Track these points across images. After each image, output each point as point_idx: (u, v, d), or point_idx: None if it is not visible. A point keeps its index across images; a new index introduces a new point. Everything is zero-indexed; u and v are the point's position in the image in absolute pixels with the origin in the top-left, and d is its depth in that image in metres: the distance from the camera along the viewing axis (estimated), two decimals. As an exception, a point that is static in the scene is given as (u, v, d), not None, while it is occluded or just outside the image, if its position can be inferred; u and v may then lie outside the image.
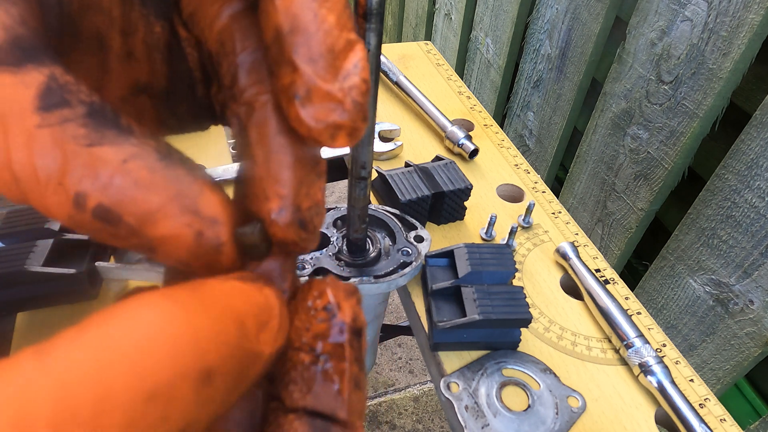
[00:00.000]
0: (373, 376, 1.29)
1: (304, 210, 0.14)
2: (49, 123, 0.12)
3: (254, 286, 0.13)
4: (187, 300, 0.11)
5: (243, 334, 0.11)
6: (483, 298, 0.40)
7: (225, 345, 0.11)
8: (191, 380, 0.10)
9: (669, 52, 0.74)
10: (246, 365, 0.11)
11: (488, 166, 0.61)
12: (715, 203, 0.70)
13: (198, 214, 0.13)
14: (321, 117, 0.13)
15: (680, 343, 0.80)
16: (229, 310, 0.11)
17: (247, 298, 0.12)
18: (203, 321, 0.10)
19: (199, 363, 0.10)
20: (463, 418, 0.38)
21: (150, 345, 0.09)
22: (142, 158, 0.12)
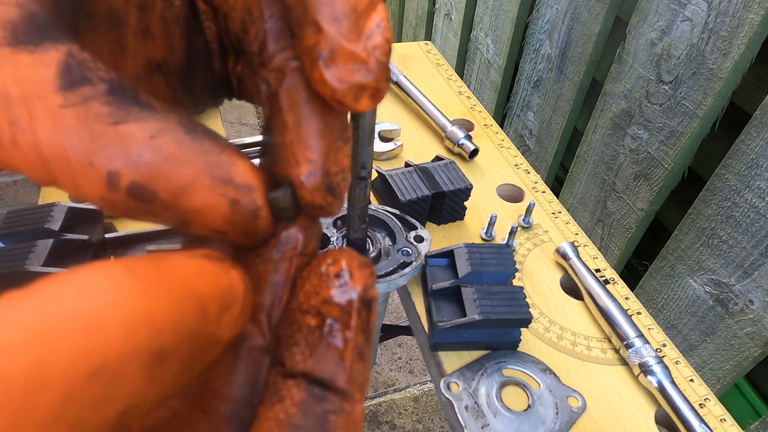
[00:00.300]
0: (373, 376, 1.29)
1: (332, 175, 0.14)
2: (72, 102, 0.12)
3: (221, 266, 0.12)
4: (148, 274, 0.10)
5: (203, 316, 0.11)
6: (483, 298, 0.40)
7: (183, 326, 0.10)
8: (142, 360, 0.09)
9: (669, 52, 0.74)
10: (203, 348, 0.11)
11: (488, 166, 0.61)
12: (715, 203, 0.70)
13: (231, 183, 0.13)
14: (345, 78, 0.13)
15: (680, 343, 0.80)
16: (191, 289, 0.11)
17: (212, 278, 0.12)
18: (163, 299, 0.10)
19: (153, 343, 0.09)
20: (463, 418, 0.38)
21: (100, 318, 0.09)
22: (169, 133, 0.12)
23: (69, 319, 0.08)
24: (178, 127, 0.13)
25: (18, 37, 0.12)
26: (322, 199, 0.14)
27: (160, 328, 0.10)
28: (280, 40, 0.15)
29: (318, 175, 0.14)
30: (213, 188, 0.13)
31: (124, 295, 0.09)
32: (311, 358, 0.13)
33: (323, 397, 0.13)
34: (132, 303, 0.09)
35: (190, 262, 0.12)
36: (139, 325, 0.09)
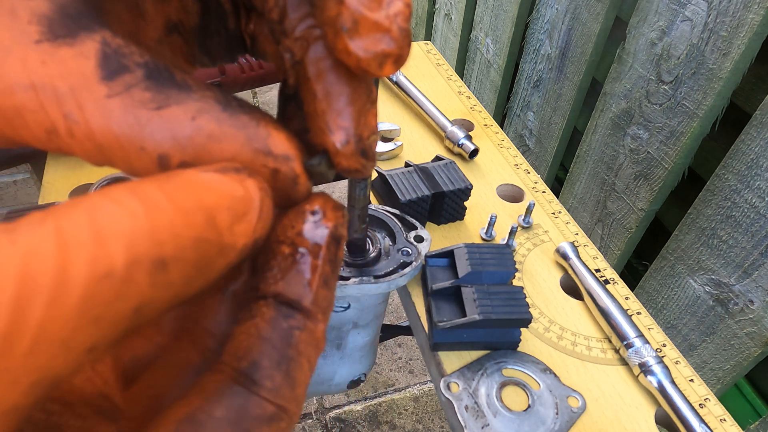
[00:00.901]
0: (373, 376, 1.29)
1: (365, 139, 0.15)
2: (116, 92, 0.12)
3: (234, 177, 0.13)
4: (152, 194, 0.11)
5: (211, 226, 0.12)
6: (483, 298, 0.40)
7: (185, 237, 0.11)
8: (145, 267, 0.11)
9: (669, 52, 0.74)
10: (212, 256, 0.12)
11: (488, 166, 0.61)
12: (715, 203, 0.70)
13: (271, 154, 0.14)
14: (369, 47, 0.14)
15: (680, 343, 0.80)
16: (197, 202, 0.12)
17: (223, 189, 0.12)
18: (163, 214, 0.11)
19: (152, 252, 0.11)
20: (463, 418, 0.38)
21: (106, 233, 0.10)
22: (208, 111, 0.13)
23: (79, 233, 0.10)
24: (216, 105, 0.14)
25: (55, 31, 0.12)
26: (357, 163, 0.15)
27: (159, 239, 0.11)
28: (300, 7, 0.15)
29: (352, 141, 0.15)
30: (254, 160, 0.14)
31: (127, 214, 0.11)
32: (282, 281, 0.14)
33: (290, 315, 0.14)
34: (133, 221, 0.11)
35: (199, 176, 0.12)
36: (140, 237, 0.11)
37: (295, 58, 0.15)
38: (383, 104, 0.69)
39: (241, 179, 0.13)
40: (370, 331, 0.48)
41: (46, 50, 0.12)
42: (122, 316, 0.10)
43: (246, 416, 0.13)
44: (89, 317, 0.10)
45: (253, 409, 0.13)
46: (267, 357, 0.14)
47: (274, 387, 0.13)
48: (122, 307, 0.10)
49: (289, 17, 0.15)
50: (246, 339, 0.14)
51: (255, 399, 0.13)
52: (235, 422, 0.13)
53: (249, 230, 0.13)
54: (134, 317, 0.11)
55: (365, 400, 1.25)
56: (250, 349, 0.14)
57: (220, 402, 0.13)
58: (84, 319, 0.10)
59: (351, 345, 0.48)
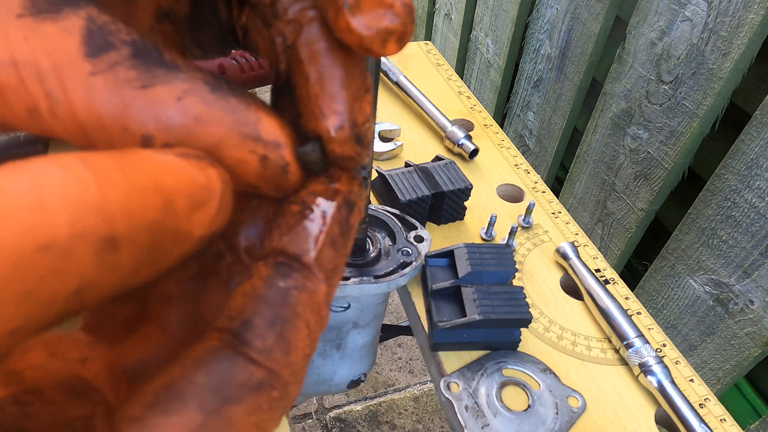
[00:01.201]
0: (373, 376, 1.29)
1: (360, 125, 0.15)
2: (100, 69, 0.12)
3: (196, 164, 0.12)
4: (105, 165, 0.10)
5: (168, 210, 0.11)
6: (483, 298, 0.40)
7: (140, 217, 0.10)
8: (91, 243, 0.10)
9: (669, 52, 0.74)
10: (167, 242, 0.11)
11: (488, 166, 0.61)
12: (715, 203, 0.70)
13: (260, 140, 0.13)
14: (372, 24, 0.13)
15: (680, 343, 0.80)
16: (154, 183, 0.11)
17: (182, 175, 0.12)
18: (118, 188, 0.10)
19: (102, 228, 0.10)
20: (463, 418, 0.38)
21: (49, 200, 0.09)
22: (196, 93, 0.13)
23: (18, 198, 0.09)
24: (204, 86, 0.13)
25: (38, 5, 0.12)
26: (352, 150, 0.15)
27: (111, 215, 0.10)
28: None
29: (346, 126, 0.14)
30: (242, 145, 0.13)
31: (75, 182, 0.10)
32: (287, 236, 0.14)
33: (288, 275, 0.13)
34: (82, 190, 0.10)
35: (159, 158, 0.12)
36: (89, 209, 0.09)
37: (288, 41, 0.15)
38: (383, 104, 0.69)
39: (202, 167, 0.12)
40: (370, 331, 0.48)
41: (28, 25, 0.12)
42: (58, 296, 0.09)
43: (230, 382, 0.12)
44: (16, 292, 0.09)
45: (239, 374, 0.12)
46: (260, 315, 0.13)
47: (265, 347, 0.12)
48: (59, 287, 0.09)
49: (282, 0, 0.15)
50: (240, 299, 0.13)
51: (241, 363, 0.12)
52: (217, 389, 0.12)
53: (207, 221, 0.12)
54: (73, 299, 0.10)
55: (365, 400, 1.25)
56: (243, 309, 0.13)
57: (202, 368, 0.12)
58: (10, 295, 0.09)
59: (351, 345, 0.48)
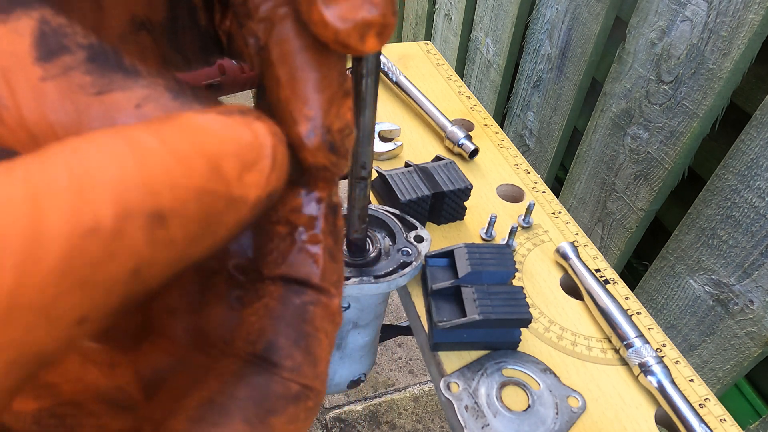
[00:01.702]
0: (373, 376, 1.29)
1: (335, 132, 0.13)
2: (52, 74, 0.11)
3: (241, 120, 0.11)
4: (144, 138, 0.10)
5: (216, 175, 0.10)
6: (483, 298, 0.40)
7: (185, 187, 0.10)
8: (139, 221, 0.09)
9: (669, 52, 0.74)
10: (219, 210, 0.11)
11: (488, 166, 0.61)
12: (715, 203, 0.70)
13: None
14: (348, 15, 0.12)
15: (680, 343, 0.80)
16: (197, 147, 0.10)
17: (228, 134, 0.11)
18: (159, 160, 0.09)
19: (147, 204, 0.09)
20: (463, 418, 0.38)
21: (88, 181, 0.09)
22: (156, 100, 0.12)
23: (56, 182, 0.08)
24: (165, 93, 0.12)
25: None
26: (326, 159, 0.13)
27: (154, 188, 0.09)
28: None
29: (319, 132, 0.13)
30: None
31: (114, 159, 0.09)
32: (285, 264, 0.13)
33: (301, 292, 0.13)
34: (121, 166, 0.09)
35: (200, 118, 0.11)
36: (130, 186, 0.09)
37: (260, 42, 0.14)
38: (383, 104, 0.69)
39: (247, 122, 0.11)
40: (370, 331, 0.48)
41: None
42: (117, 279, 0.09)
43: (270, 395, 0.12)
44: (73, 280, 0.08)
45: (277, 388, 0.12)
46: (283, 336, 0.13)
47: (295, 366, 0.12)
48: (116, 269, 0.09)
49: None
50: (257, 320, 0.13)
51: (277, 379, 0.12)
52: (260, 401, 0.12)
53: (261, 181, 0.11)
54: (133, 281, 0.09)
55: (365, 400, 1.25)
56: (263, 331, 0.13)
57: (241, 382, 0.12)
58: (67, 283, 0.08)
59: (351, 345, 0.48)
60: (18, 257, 0.08)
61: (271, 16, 0.13)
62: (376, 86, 0.31)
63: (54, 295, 0.08)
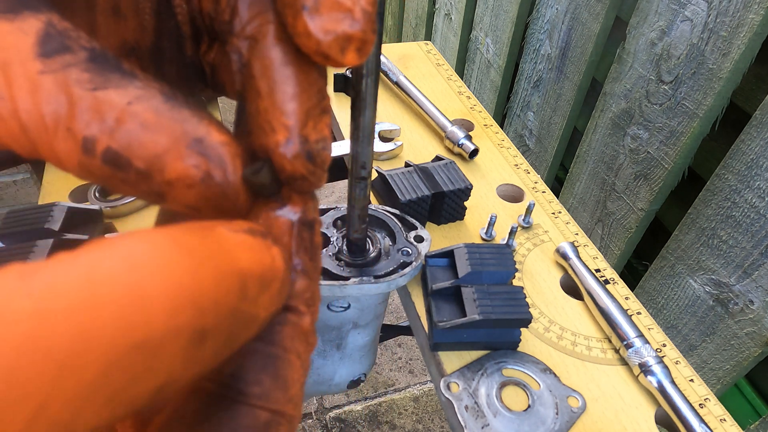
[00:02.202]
0: (373, 376, 1.29)
1: (312, 142, 0.14)
2: (51, 69, 0.11)
3: (263, 243, 0.12)
4: (194, 246, 0.10)
5: (244, 295, 0.11)
6: (483, 298, 0.40)
7: (224, 306, 0.10)
8: (184, 338, 0.09)
9: (669, 52, 0.74)
10: (241, 328, 0.11)
11: (488, 166, 0.61)
12: (715, 203, 0.70)
13: (205, 154, 0.12)
14: (330, 27, 0.13)
15: (680, 343, 0.80)
16: (236, 266, 0.10)
17: (255, 255, 0.11)
18: (208, 275, 0.10)
19: (195, 322, 0.09)
20: (463, 418, 0.38)
21: (147, 291, 0.08)
22: (147, 100, 0.12)
23: (115, 288, 0.08)
24: (158, 95, 0.12)
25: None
26: (303, 168, 0.14)
27: (204, 306, 0.09)
28: (252, 6, 0.14)
29: (296, 142, 0.13)
30: (187, 158, 0.12)
31: (172, 270, 0.09)
32: None
33: None
34: (178, 278, 0.09)
35: (234, 237, 0.11)
36: (184, 302, 0.09)
37: (243, 58, 0.14)
38: (383, 104, 0.69)
39: (267, 245, 0.12)
40: (370, 331, 0.48)
41: None
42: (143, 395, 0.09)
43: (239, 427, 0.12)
44: (105, 395, 0.08)
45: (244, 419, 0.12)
46: (249, 361, 0.12)
47: (264, 392, 0.12)
48: (147, 385, 0.09)
49: (240, 15, 0.14)
50: None
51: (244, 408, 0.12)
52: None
53: (271, 303, 0.12)
54: (154, 397, 0.09)
55: (365, 400, 1.25)
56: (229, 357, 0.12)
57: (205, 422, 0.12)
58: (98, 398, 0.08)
59: (351, 345, 0.48)
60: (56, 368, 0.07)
61: (255, 34, 0.14)
62: (376, 86, 0.31)
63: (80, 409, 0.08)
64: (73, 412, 0.08)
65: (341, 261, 0.41)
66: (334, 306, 0.43)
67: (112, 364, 0.08)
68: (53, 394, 0.07)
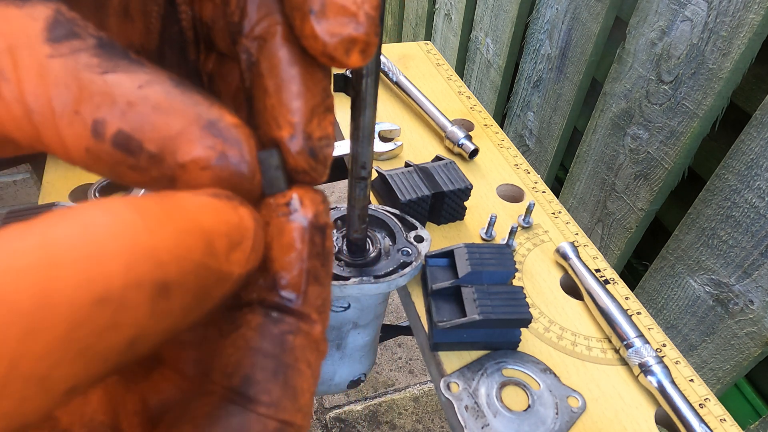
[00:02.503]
0: (373, 376, 1.29)
1: (315, 139, 0.14)
2: (60, 53, 0.11)
3: (228, 204, 0.12)
4: (151, 209, 0.10)
5: (210, 251, 0.11)
6: (483, 298, 0.40)
7: (187, 260, 0.10)
8: (146, 291, 0.09)
9: (669, 52, 0.74)
10: (210, 284, 0.11)
11: (488, 166, 0.61)
12: (715, 203, 0.70)
13: (221, 135, 0.13)
14: (336, 31, 0.13)
15: (680, 343, 0.80)
16: (197, 225, 0.11)
17: (219, 215, 0.12)
18: (166, 232, 0.10)
19: (156, 274, 0.09)
20: (463, 418, 0.38)
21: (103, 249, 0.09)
22: (159, 84, 0.12)
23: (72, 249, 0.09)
24: (168, 80, 0.12)
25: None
26: (305, 163, 0.14)
27: (163, 260, 0.10)
28: (261, 7, 0.15)
29: (300, 138, 0.14)
30: (202, 140, 0.12)
31: (127, 228, 0.09)
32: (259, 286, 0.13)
33: (280, 320, 0.13)
34: (134, 235, 0.09)
35: (196, 199, 0.12)
36: (141, 256, 0.09)
37: (252, 58, 0.15)
38: (383, 104, 0.69)
39: (234, 206, 0.12)
40: (370, 331, 0.48)
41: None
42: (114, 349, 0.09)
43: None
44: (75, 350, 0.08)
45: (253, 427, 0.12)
46: (260, 369, 0.12)
47: (273, 401, 0.12)
48: (116, 339, 0.09)
49: (249, 17, 0.15)
50: (234, 352, 0.13)
51: (253, 416, 0.12)
52: None
53: (243, 260, 0.12)
54: (127, 351, 0.09)
55: (365, 400, 1.25)
56: (239, 363, 0.12)
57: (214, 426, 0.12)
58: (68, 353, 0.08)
59: (351, 345, 0.48)
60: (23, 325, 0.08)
61: (264, 35, 0.14)
62: (376, 86, 0.31)
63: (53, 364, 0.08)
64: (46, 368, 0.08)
65: (341, 261, 0.41)
66: (334, 306, 0.43)
67: (77, 319, 0.08)
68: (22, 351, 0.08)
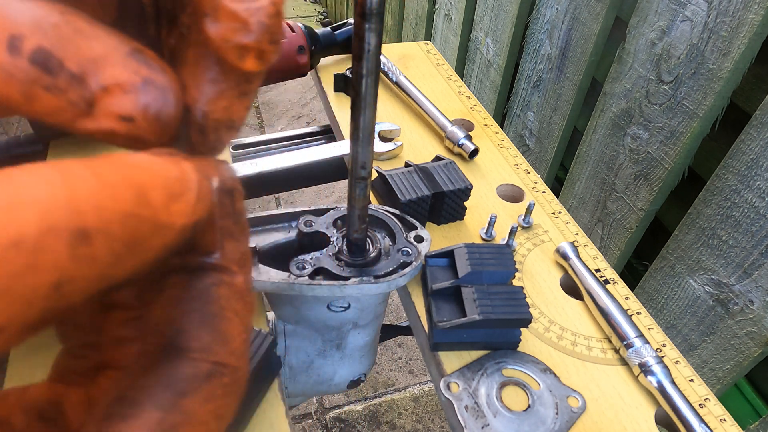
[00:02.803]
0: (373, 376, 1.29)
1: (210, 119, 0.14)
2: None
3: (169, 159, 0.12)
4: (75, 168, 0.10)
5: (144, 202, 0.11)
6: (483, 298, 0.40)
7: (110, 210, 0.10)
8: (63, 236, 0.10)
9: (669, 52, 0.74)
10: (146, 234, 0.11)
11: (488, 166, 0.61)
12: (715, 203, 0.70)
13: (146, 63, 0.13)
14: (227, 36, 0.13)
15: (680, 343, 0.80)
16: (127, 179, 0.11)
17: (157, 169, 0.12)
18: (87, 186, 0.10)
19: (72, 221, 0.10)
20: (463, 418, 0.38)
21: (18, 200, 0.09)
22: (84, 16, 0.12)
23: None
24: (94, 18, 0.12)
25: None
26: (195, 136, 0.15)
27: (79, 207, 0.10)
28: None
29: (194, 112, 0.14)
30: (127, 65, 0.12)
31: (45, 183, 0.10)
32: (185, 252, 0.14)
33: (203, 275, 0.14)
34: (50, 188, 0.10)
35: (132, 157, 0.12)
36: (55, 206, 0.10)
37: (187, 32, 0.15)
38: (383, 104, 0.69)
39: (176, 161, 0.13)
40: (370, 331, 0.48)
41: None
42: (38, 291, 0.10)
43: (179, 378, 0.12)
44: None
45: (186, 369, 0.12)
46: (188, 320, 0.13)
47: (204, 347, 0.13)
48: (36, 281, 0.09)
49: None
50: (162, 313, 0.13)
51: (185, 361, 0.13)
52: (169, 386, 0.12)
53: (187, 210, 0.12)
54: (54, 295, 0.10)
55: (365, 400, 1.25)
56: (169, 320, 0.13)
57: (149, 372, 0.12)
58: None
59: (351, 345, 0.48)
60: None
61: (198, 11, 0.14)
62: (376, 86, 0.31)
63: None
64: None
65: (341, 261, 0.41)
66: (334, 306, 0.43)
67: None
68: None
